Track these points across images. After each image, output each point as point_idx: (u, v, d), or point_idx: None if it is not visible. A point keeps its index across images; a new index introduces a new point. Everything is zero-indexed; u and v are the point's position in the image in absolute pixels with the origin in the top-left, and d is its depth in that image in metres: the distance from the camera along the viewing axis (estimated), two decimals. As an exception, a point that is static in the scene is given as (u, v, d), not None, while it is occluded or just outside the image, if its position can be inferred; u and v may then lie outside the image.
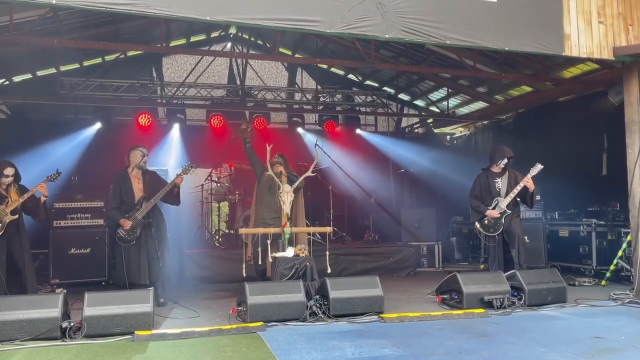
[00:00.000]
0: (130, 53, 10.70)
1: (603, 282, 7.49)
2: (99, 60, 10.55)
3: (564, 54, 6.36)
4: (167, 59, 11.34)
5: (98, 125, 10.41)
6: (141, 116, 10.24)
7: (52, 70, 9.90)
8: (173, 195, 6.55)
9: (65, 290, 5.71)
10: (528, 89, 10.21)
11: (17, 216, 6.02)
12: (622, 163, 6.79)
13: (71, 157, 9.72)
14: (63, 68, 10.02)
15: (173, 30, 9.81)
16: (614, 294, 6.54)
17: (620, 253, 7.40)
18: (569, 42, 6.34)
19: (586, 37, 6.42)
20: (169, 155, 10.53)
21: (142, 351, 4.47)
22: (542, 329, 5.12)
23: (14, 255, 6.02)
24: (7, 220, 5.92)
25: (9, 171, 6.03)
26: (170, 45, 10.32)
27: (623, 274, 7.46)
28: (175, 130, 10.90)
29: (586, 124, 8.99)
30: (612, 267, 7.49)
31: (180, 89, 10.93)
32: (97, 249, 7.99)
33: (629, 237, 7.01)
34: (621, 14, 6.54)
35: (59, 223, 7.92)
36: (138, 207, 6.39)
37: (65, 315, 4.96)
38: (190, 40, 11.08)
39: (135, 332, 4.90)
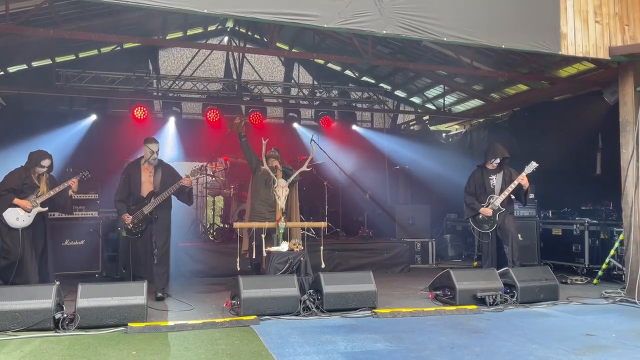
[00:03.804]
0: (126, 45, 10.64)
1: (595, 281, 7.54)
2: (94, 52, 10.49)
3: (560, 53, 6.37)
4: (163, 52, 11.30)
5: (93, 117, 10.36)
6: (137, 109, 10.21)
7: (48, 62, 9.85)
8: (185, 195, 6.50)
9: (58, 282, 5.69)
10: (524, 87, 10.23)
11: (46, 209, 6.13)
12: (616, 163, 6.82)
13: (66, 148, 9.66)
14: (59, 59, 9.98)
15: (170, 23, 9.77)
16: (605, 293, 6.59)
17: (612, 252, 7.44)
18: (565, 41, 6.36)
19: (582, 37, 6.44)
20: (165, 148, 10.46)
21: (135, 343, 4.47)
22: (534, 325, 5.16)
23: (38, 244, 6.10)
24: (37, 212, 6.02)
25: (46, 162, 6.14)
26: (167, 38, 10.27)
27: (615, 272, 7.51)
28: (171, 124, 10.86)
29: (581, 123, 9.02)
30: (604, 266, 7.53)
31: (177, 82, 10.90)
32: (91, 241, 8.00)
33: (621, 237, 7.06)
34: (617, 14, 6.57)
35: (53, 215, 7.85)
36: (146, 202, 6.34)
37: (59, 306, 4.96)
38: (187, 34, 11.03)
39: (129, 324, 4.90)
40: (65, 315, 4.85)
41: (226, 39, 11.71)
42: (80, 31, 7.72)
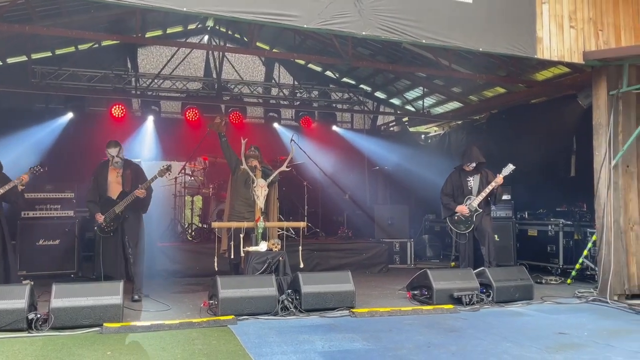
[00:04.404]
0: (104, 43, 10.52)
1: (569, 281, 7.69)
2: (72, 49, 10.35)
3: (536, 56, 6.48)
4: (142, 50, 11.19)
5: (70, 116, 10.20)
6: (115, 107, 10.10)
7: (23, 58, 9.67)
8: (139, 203, 6.38)
9: (32, 282, 5.60)
10: (501, 90, 10.38)
11: None
12: (590, 165, 6.95)
13: (41, 147, 9.51)
14: (34, 56, 9.80)
15: (149, 21, 9.69)
16: (578, 292, 6.72)
17: (585, 252, 7.59)
18: (541, 45, 6.47)
19: (557, 41, 6.55)
20: (143, 148, 10.40)
21: (110, 343, 4.42)
22: (509, 324, 5.24)
23: None
24: None
25: None
26: (146, 36, 10.18)
27: (588, 272, 7.67)
28: (150, 122, 10.76)
29: (556, 126, 9.18)
30: (577, 266, 7.69)
31: (156, 80, 10.81)
32: (67, 241, 7.87)
33: (594, 237, 7.21)
34: (592, 19, 6.70)
35: (27, 214, 7.77)
36: (117, 201, 6.29)
37: (32, 306, 4.89)
38: (167, 32, 10.95)
39: (104, 324, 4.84)
40: (38, 316, 4.77)
41: (206, 37, 11.65)
42: (57, 27, 7.61)
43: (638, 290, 6.56)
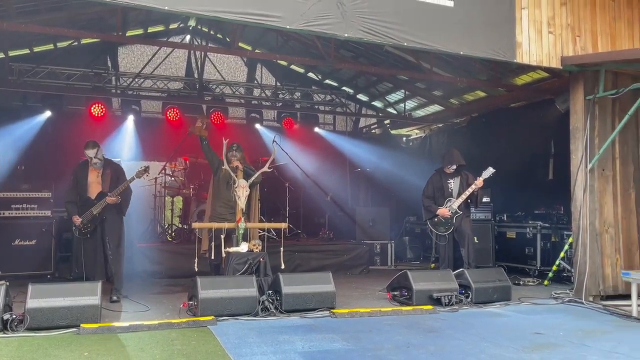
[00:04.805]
0: (84, 41, 10.37)
1: (546, 282, 7.81)
2: (50, 46, 10.18)
3: (515, 60, 6.58)
4: (123, 49, 11.08)
5: (48, 114, 10.05)
6: (94, 106, 9.96)
7: (0, 55, 9.50)
8: (119, 205, 6.30)
9: (7, 282, 5.50)
10: (482, 94, 10.51)
11: None
12: (567, 168, 7.08)
13: (18, 145, 9.36)
14: (12, 53, 9.64)
15: (130, 19, 9.59)
16: (555, 293, 6.83)
17: (562, 254, 7.73)
18: (520, 50, 6.57)
19: (536, 46, 6.67)
20: (123, 147, 10.30)
21: (87, 344, 4.36)
22: (487, 325, 5.30)
23: None
24: None
25: None
26: (127, 35, 10.07)
27: (564, 274, 7.79)
28: (130, 122, 10.66)
29: (535, 130, 9.32)
30: (554, 268, 7.81)
31: (136, 79, 10.71)
32: (43, 241, 7.74)
33: (570, 239, 7.33)
34: (570, 25, 6.83)
35: (3, 213, 7.63)
36: (95, 202, 6.21)
37: (7, 307, 4.80)
38: (148, 31, 10.85)
39: (81, 325, 4.78)
40: (14, 317, 4.69)
41: (188, 37, 11.58)
42: (36, 25, 7.49)
43: (612, 291, 6.69)
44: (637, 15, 7.14)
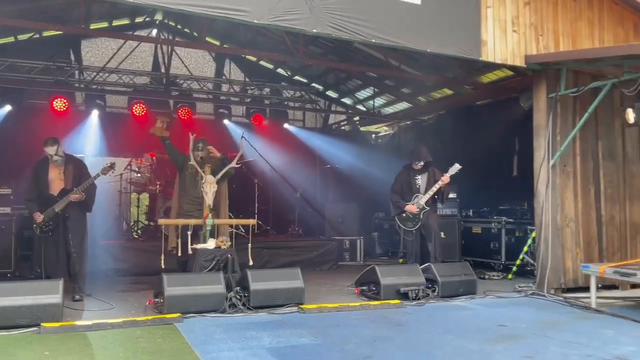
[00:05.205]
0: (45, 33, 10.06)
1: (510, 276, 7.98)
2: (11, 39, 9.85)
3: (481, 59, 6.69)
4: (86, 42, 10.80)
5: (8, 108, 9.75)
6: (56, 100, 9.71)
7: (-43, 47, 9.18)
8: (83, 202, 6.16)
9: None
10: (449, 91, 10.65)
11: None
12: (531, 165, 7.24)
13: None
14: (-31, 45, 9.32)
15: (93, 12, 9.33)
16: (518, 287, 6.98)
17: (525, 249, 7.90)
18: (485, 48, 6.68)
19: (501, 45, 6.79)
20: (86, 143, 10.06)
21: (48, 343, 4.26)
22: (453, 318, 5.39)
23: None
24: None
25: None
26: (91, 27, 9.83)
27: (528, 268, 7.97)
28: (94, 117, 10.42)
29: (500, 127, 9.48)
30: (518, 262, 7.98)
31: (101, 74, 10.47)
32: (3, 239, 7.51)
33: (533, 234, 7.51)
34: (533, 24, 6.98)
35: (-40, 211, 7.37)
36: (57, 199, 6.05)
37: (-36, 306, 4.64)
38: (113, 24, 10.61)
39: (42, 324, 4.66)
40: (-29, 316, 4.54)
41: (155, 31, 11.38)
42: (-5, 16, 7.24)
43: (573, 284, 6.89)
44: (597, 15, 7.34)
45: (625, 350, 4.21)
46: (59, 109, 9.71)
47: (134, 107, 10.27)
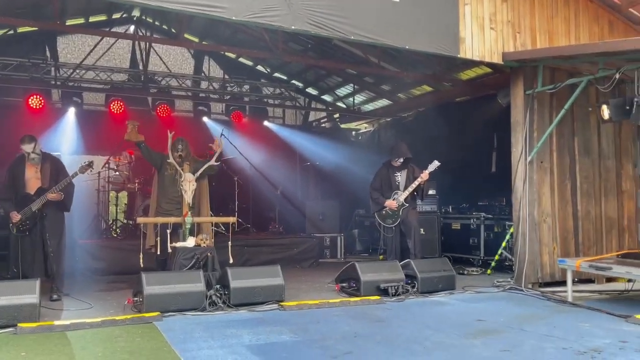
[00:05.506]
0: (20, 29, 9.88)
1: (488, 271, 8.08)
2: (-17, 34, 9.68)
3: (459, 56, 6.75)
4: (62, 39, 10.64)
5: (-19, 106, 9.55)
6: (32, 97, 9.52)
7: None
8: (61, 201, 6.06)
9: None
10: (428, 88, 10.73)
11: None
12: (509, 161, 7.33)
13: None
14: (-60, 41, 9.09)
15: (69, 7, 9.19)
16: (497, 282, 7.09)
17: (504, 244, 8.02)
18: (463, 45, 6.75)
19: (479, 42, 6.86)
20: (63, 141, 9.90)
21: (25, 344, 4.19)
22: (432, 313, 5.44)
23: None
24: None
25: None
26: (67, 23, 9.66)
27: (506, 263, 8.09)
28: (71, 114, 10.25)
29: (479, 124, 9.59)
30: (496, 257, 8.10)
31: (77, 71, 10.31)
32: (-22, 239, 7.33)
33: (511, 230, 7.61)
34: (510, 22, 7.06)
35: None
36: (34, 198, 5.94)
37: (-64, 308, 4.53)
38: (89, 21, 10.45)
39: (19, 324, 4.58)
40: (-56, 318, 4.44)
41: (132, 27, 11.23)
42: (-34, 11, 7.08)
43: (550, 278, 7.00)
44: (573, 13, 7.46)
45: (600, 342, 4.30)
46: (34, 107, 9.52)
47: (111, 105, 10.12)
